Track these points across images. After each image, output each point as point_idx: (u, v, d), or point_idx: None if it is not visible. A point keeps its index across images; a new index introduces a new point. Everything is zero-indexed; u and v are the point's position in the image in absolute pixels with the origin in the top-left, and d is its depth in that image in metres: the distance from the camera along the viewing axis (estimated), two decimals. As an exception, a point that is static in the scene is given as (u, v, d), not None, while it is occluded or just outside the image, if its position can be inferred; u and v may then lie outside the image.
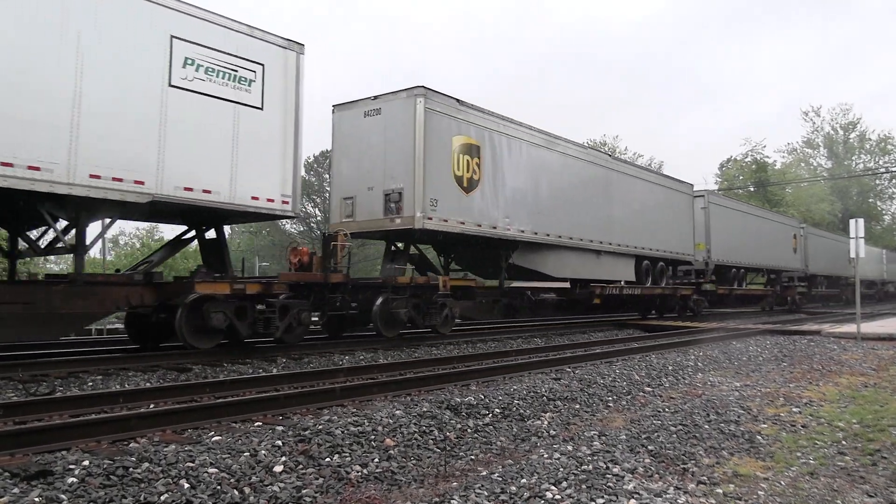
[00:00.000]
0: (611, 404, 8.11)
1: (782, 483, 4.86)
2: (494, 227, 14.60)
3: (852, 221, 16.22)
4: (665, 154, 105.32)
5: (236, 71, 10.44)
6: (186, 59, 9.81)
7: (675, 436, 6.06)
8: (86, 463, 4.53)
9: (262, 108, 10.78)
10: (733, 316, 26.58)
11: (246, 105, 10.57)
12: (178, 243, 12.07)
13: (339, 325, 13.31)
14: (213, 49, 10.11)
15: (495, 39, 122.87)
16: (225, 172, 10.30)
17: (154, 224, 32.29)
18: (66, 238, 9.69)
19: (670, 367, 10.77)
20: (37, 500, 3.95)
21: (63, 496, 4.04)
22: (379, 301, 12.63)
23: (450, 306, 13.93)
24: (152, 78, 9.45)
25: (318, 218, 48.63)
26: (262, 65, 10.80)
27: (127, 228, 45.54)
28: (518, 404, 7.46)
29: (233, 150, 10.41)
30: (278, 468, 4.89)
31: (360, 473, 5.06)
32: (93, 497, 4.08)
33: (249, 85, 10.62)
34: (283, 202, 11.12)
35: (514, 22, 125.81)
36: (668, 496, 4.45)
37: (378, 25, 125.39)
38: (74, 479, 4.26)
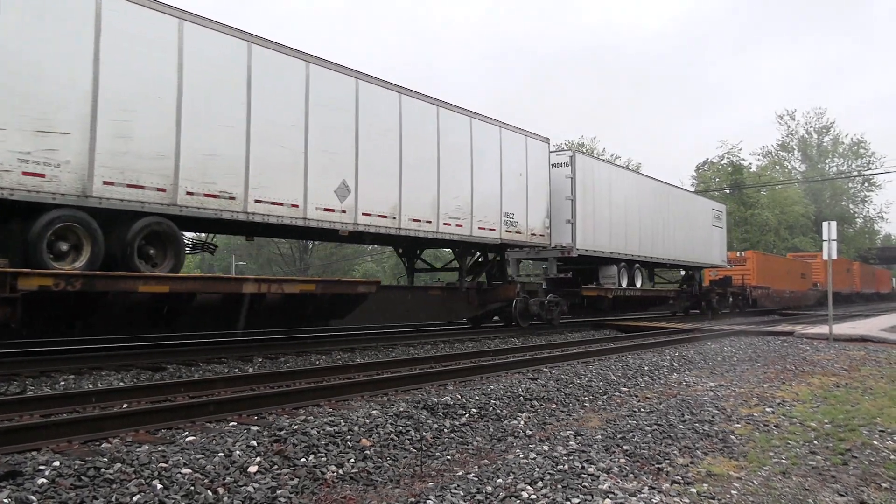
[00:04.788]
0: (587, 404, 8.16)
1: (755, 482, 4.91)
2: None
3: (825, 224, 16.43)
4: (661, 157, 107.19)
5: None
6: None
7: (650, 436, 6.10)
8: (56, 463, 4.46)
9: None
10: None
11: None
12: None
13: None
14: None
15: (508, 42, 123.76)
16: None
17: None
18: None
19: (646, 368, 10.86)
20: (6, 500, 3.88)
21: (33, 497, 3.96)
22: None
23: None
24: None
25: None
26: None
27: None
28: (495, 404, 7.47)
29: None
30: (253, 468, 4.85)
31: (335, 474, 5.04)
32: (63, 498, 4.01)
33: None
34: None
35: (528, 27, 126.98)
36: (642, 496, 4.48)
37: (393, 24, 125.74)
38: (45, 480, 4.19)
